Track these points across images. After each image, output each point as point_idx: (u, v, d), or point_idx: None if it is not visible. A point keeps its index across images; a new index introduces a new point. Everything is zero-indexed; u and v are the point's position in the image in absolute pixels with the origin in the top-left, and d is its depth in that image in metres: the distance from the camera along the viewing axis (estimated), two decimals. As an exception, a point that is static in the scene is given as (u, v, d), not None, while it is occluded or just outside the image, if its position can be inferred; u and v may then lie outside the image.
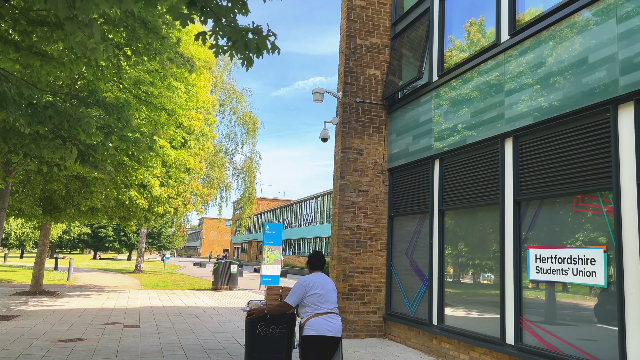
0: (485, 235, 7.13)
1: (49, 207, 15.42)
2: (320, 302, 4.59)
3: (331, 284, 4.82)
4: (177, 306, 14.05)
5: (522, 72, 6.47)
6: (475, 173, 7.31)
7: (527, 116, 6.30)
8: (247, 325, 5.05)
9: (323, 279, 4.76)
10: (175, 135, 13.07)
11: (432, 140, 8.33)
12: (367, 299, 9.38)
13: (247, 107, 32.71)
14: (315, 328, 4.51)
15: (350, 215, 9.46)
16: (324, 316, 4.56)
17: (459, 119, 7.68)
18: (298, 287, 4.70)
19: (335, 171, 9.80)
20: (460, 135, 7.59)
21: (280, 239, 22.45)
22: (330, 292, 4.73)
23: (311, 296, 4.62)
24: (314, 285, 4.65)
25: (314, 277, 4.74)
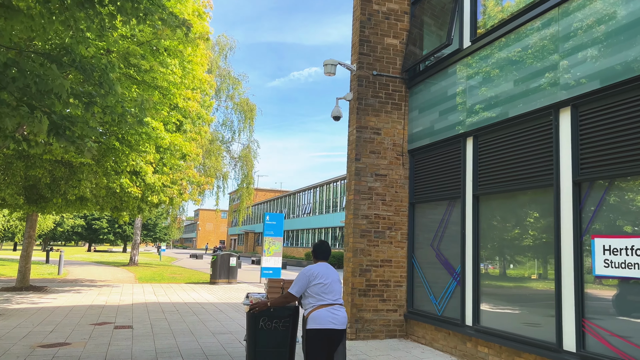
0: (533, 223, 6.13)
1: (34, 197, 14.33)
2: (324, 293, 4.47)
3: (336, 275, 4.67)
4: (173, 302, 13.05)
5: (584, 28, 5.43)
6: (519, 151, 6.30)
7: (591, 80, 5.27)
8: (249, 320, 4.87)
9: (327, 269, 4.64)
10: (170, 117, 11.97)
11: (464, 116, 7.31)
12: (387, 295, 8.40)
13: (244, 93, 31.56)
14: (318, 321, 4.39)
15: (367, 203, 8.45)
16: (327, 308, 4.43)
17: (498, 88, 6.65)
18: (301, 276, 4.57)
19: (349, 153, 8.77)
20: (500, 108, 6.57)
21: (281, 230, 21.46)
22: (334, 282, 4.59)
23: (315, 286, 4.49)
24: (318, 275, 4.53)
25: (318, 267, 4.62)
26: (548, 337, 5.58)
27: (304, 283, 4.54)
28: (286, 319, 4.88)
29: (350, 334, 8.09)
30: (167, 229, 67.13)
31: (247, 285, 19.61)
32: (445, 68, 7.91)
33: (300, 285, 4.54)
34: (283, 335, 4.87)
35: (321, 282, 4.50)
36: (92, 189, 14.31)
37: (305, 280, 4.54)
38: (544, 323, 5.72)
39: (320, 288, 4.48)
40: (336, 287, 4.60)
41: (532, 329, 5.87)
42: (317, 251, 4.82)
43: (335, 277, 4.66)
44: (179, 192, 15.68)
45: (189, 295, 14.98)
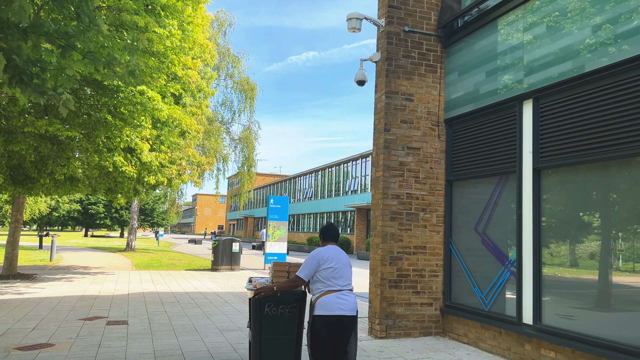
0: (621, 201, 4.98)
1: (20, 177, 13.12)
2: (334, 278, 4.23)
3: (346, 259, 4.42)
4: (173, 292, 11.95)
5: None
6: (602, 113, 5.12)
7: None
8: (254, 305, 4.57)
9: (338, 252, 4.38)
10: (167, 88, 10.72)
11: (521, 75, 6.11)
12: (421, 287, 7.28)
13: (244, 71, 30.16)
14: (327, 307, 4.16)
15: (398, 180, 7.29)
16: (336, 293, 4.19)
17: (572, 38, 5.45)
18: (310, 259, 4.31)
19: (376, 123, 7.58)
20: (574, 61, 5.37)
21: (286, 214, 20.36)
22: (345, 267, 4.34)
23: (324, 270, 4.25)
24: (328, 259, 4.28)
25: (329, 250, 4.36)
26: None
27: (313, 266, 4.27)
28: (293, 304, 4.55)
29: (379, 331, 7.00)
30: (165, 214, 66.07)
31: (250, 272, 18.53)
32: (493, 20, 6.69)
33: (310, 268, 4.27)
34: (290, 321, 4.55)
35: (331, 266, 4.23)
36: (83, 168, 13.13)
37: (314, 263, 4.27)
38: (634, 324, 4.61)
39: (330, 272, 4.23)
40: (347, 272, 4.34)
41: (619, 332, 4.76)
42: (325, 233, 4.53)
43: (347, 261, 4.39)
44: (178, 172, 14.50)
45: (190, 283, 13.88)
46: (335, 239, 4.52)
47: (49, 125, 8.93)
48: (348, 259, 4.43)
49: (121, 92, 9.45)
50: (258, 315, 4.51)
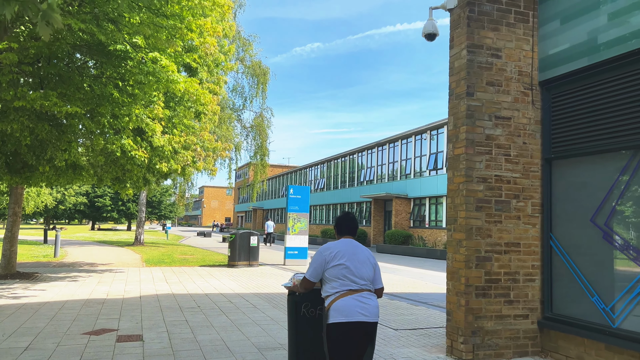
0: None
1: (17, 165, 11.66)
2: (348, 276, 3.51)
3: (364, 253, 3.66)
4: (191, 293, 10.48)
5: None
6: None
7: None
8: (289, 305, 4.23)
9: (352, 246, 3.65)
10: (183, 57, 9.16)
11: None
12: (514, 294, 5.74)
13: (255, 55, 28.52)
14: (344, 312, 3.43)
15: (484, 158, 5.72)
16: (354, 295, 3.47)
17: None
18: (316, 256, 3.67)
19: (454, 86, 5.99)
20: None
21: (307, 205, 18.86)
22: (362, 264, 3.59)
23: (334, 268, 3.54)
24: (337, 254, 3.58)
25: (339, 244, 3.66)
26: None
27: (319, 264, 3.64)
28: None
29: (465, 352, 5.47)
30: (173, 206, 64.87)
31: (270, 267, 17.06)
32: (620, -55, 5.07)
33: (315, 267, 3.67)
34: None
35: (342, 262, 3.55)
36: (87, 156, 11.65)
37: (320, 260, 3.65)
38: None
39: (341, 271, 3.55)
40: (364, 270, 3.62)
41: None
42: (340, 224, 3.88)
43: (364, 256, 3.66)
44: (192, 159, 12.98)
45: (208, 282, 12.41)
46: (351, 231, 3.83)
47: (44, 98, 7.41)
48: (368, 254, 3.70)
49: (129, 60, 7.91)
50: (294, 316, 4.21)
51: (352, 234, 3.84)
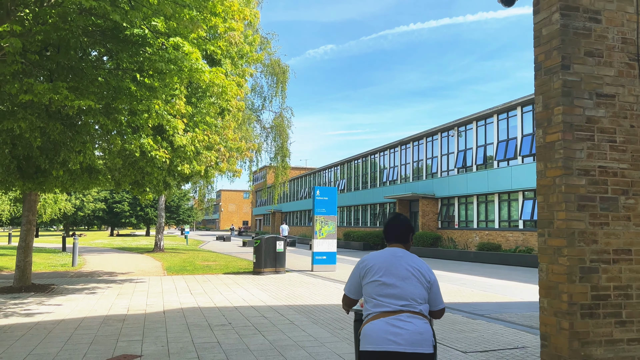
0: None
1: (30, 170, 10.85)
2: (384, 296, 2.81)
3: (408, 267, 2.86)
4: (219, 307, 9.52)
5: None
6: None
7: None
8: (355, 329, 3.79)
9: (392, 258, 2.91)
10: (206, 45, 8.20)
11: None
12: (627, 313, 4.62)
13: (274, 53, 27.61)
14: (371, 339, 2.75)
15: (585, 146, 4.63)
16: (387, 318, 2.75)
17: None
18: (354, 269, 3.06)
19: (542, 58, 4.90)
20: None
21: (335, 206, 17.86)
22: (404, 280, 2.82)
23: (370, 284, 2.88)
24: (373, 267, 2.90)
25: (377, 256, 2.96)
26: None
27: (355, 279, 3.01)
28: None
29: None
30: (191, 211, 64.39)
31: (297, 274, 16.08)
32: None
33: (351, 281, 3.04)
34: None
35: (377, 279, 2.83)
36: (103, 159, 10.82)
37: (355, 273, 3.00)
38: None
39: (377, 288, 2.82)
40: (406, 287, 2.80)
41: None
42: (385, 229, 3.12)
43: (404, 270, 2.83)
44: (216, 160, 12.06)
45: (235, 293, 11.46)
46: (399, 238, 3.06)
47: (54, 91, 6.50)
48: (416, 265, 2.90)
49: (148, 47, 6.98)
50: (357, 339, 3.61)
51: (400, 240, 3.08)
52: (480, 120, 26.81)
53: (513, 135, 24.36)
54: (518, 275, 16.95)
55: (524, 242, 22.73)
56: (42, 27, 6.08)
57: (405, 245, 3.04)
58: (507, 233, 23.94)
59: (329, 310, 9.20)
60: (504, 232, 24.22)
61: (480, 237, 25.73)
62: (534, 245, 22.18)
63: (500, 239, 24.28)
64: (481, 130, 26.72)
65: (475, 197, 26.66)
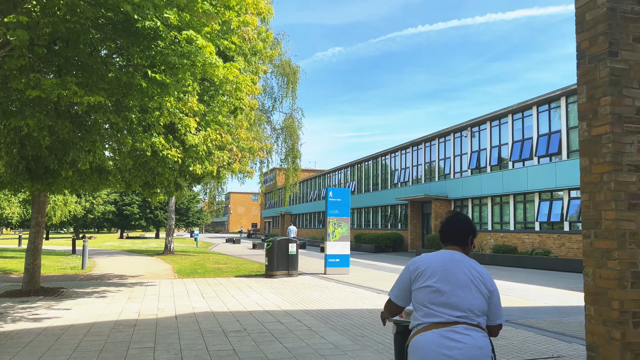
0: None
1: (39, 171, 10.61)
2: (438, 304, 2.44)
3: (468, 273, 2.49)
4: (232, 311, 9.20)
5: None
6: None
7: None
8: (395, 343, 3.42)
9: (449, 262, 2.54)
10: (218, 39, 7.90)
11: None
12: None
13: (285, 54, 27.33)
14: (421, 353, 2.39)
15: (636, 139, 4.25)
16: (440, 330, 2.38)
17: None
18: (403, 270, 2.70)
19: (585, 45, 4.53)
20: None
21: (348, 208, 17.51)
22: (462, 288, 2.45)
23: (421, 290, 2.51)
24: (426, 271, 2.53)
25: (432, 258, 2.59)
26: None
27: (404, 282, 2.63)
28: None
29: (623, 404, 3.99)
30: (201, 213, 64.31)
31: (310, 277, 15.73)
32: None
33: (399, 285, 2.66)
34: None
35: (430, 284, 2.48)
36: (114, 160, 10.56)
37: (405, 277, 2.64)
38: None
39: (428, 295, 2.47)
40: (464, 296, 2.43)
41: None
42: (443, 229, 2.72)
43: (464, 277, 2.46)
44: (228, 161, 11.75)
45: (248, 296, 11.13)
46: (457, 240, 2.69)
47: (62, 87, 6.22)
48: (475, 274, 2.52)
49: (160, 40, 6.69)
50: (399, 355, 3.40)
51: (458, 243, 2.70)
52: (494, 120, 26.34)
53: (528, 136, 23.87)
54: (537, 278, 16.48)
55: (541, 245, 22.22)
56: (50, 19, 5.80)
57: (464, 249, 2.67)
58: (523, 235, 23.43)
59: (347, 316, 8.84)
60: (519, 234, 23.71)
61: (495, 239, 25.23)
62: (551, 248, 21.66)
63: (515, 241, 23.78)
64: (495, 130, 26.25)
65: (490, 198, 26.18)
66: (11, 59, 6.05)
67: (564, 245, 21.12)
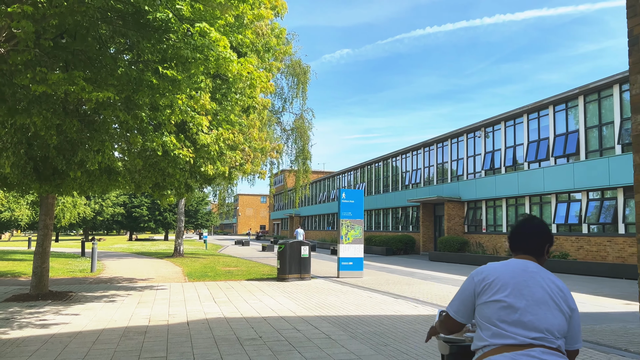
0: None
1: (47, 172, 10.32)
2: (510, 323, 2.04)
3: (546, 287, 2.10)
4: (246, 317, 8.84)
5: None
6: None
7: None
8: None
9: (523, 273, 2.13)
10: (232, 33, 7.56)
11: None
12: None
13: (295, 54, 26.97)
14: None
15: (700, 132, 3.84)
16: (513, 354, 1.99)
17: None
18: (466, 281, 2.26)
19: (637, 30, 4.13)
20: None
21: (361, 210, 17.11)
22: (540, 304, 2.06)
23: (489, 305, 2.11)
24: (495, 283, 2.13)
25: (502, 267, 2.18)
26: None
27: (467, 295, 2.21)
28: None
29: None
30: (209, 215, 64.14)
31: (323, 281, 15.34)
32: None
33: (461, 298, 2.24)
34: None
35: (500, 298, 2.07)
36: (123, 161, 10.26)
37: (468, 288, 2.21)
38: None
39: (497, 312, 2.06)
40: (542, 314, 2.03)
41: None
42: (515, 236, 2.30)
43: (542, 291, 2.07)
44: (240, 161, 11.40)
45: (262, 301, 10.77)
46: (532, 248, 2.25)
47: (69, 81, 5.90)
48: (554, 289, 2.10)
49: (172, 33, 6.35)
50: None
51: (533, 252, 2.27)
52: (509, 120, 25.83)
53: (544, 136, 23.34)
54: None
55: (558, 247, 21.67)
56: (56, 10, 5.48)
57: (538, 260, 2.27)
58: (539, 237, 22.88)
59: (366, 322, 8.44)
60: (535, 236, 23.16)
61: (509, 241, 24.70)
62: (569, 250, 21.12)
63: (531, 243, 23.23)
64: (510, 130, 25.73)
65: (505, 200, 25.65)
66: (16, 53, 5.73)
67: (583, 248, 20.57)
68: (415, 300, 11.23)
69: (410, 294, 12.51)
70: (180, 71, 6.99)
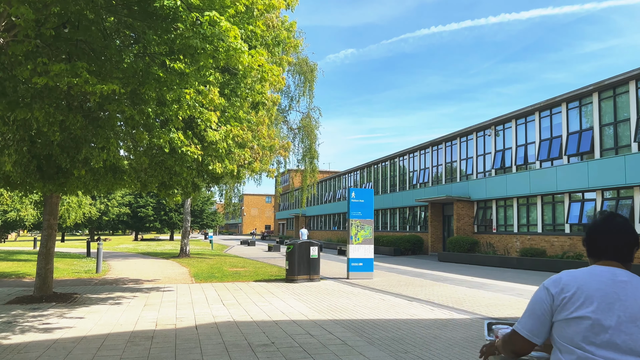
0: None
1: (51, 170, 10.02)
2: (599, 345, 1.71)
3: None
4: (256, 321, 8.49)
5: None
6: None
7: None
8: None
9: (615, 284, 1.78)
10: (242, 24, 7.21)
11: None
12: None
13: (302, 51, 26.61)
14: None
15: None
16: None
17: None
18: (537, 293, 1.92)
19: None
20: None
21: (371, 210, 16.74)
22: (634, 321, 1.71)
23: (571, 323, 1.77)
24: (578, 295, 1.79)
25: (587, 277, 1.83)
26: None
27: (542, 311, 1.86)
28: None
29: None
30: (215, 215, 63.92)
31: (333, 282, 14.97)
32: None
33: (535, 315, 1.88)
34: None
35: (586, 315, 1.73)
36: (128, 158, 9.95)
37: (543, 302, 1.87)
38: None
39: (582, 330, 1.74)
40: (638, 332, 1.68)
41: None
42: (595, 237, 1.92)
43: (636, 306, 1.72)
44: (249, 160, 11.06)
45: (271, 303, 10.42)
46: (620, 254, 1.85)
47: (72, 73, 5.57)
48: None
49: (180, 22, 6.01)
50: None
51: (619, 258, 1.89)
52: (520, 118, 25.37)
53: (557, 134, 22.87)
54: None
55: (572, 248, 21.21)
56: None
57: (626, 265, 1.89)
58: (552, 238, 22.44)
59: (382, 327, 8.08)
60: (548, 236, 22.72)
61: (521, 242, 24.25)
62: (583, 251, 20.62)
63: (544, 244, 22.78)
64: (521, 128, 25.28)
65: (516, 199, 25.19)
66: (16, 44, 5.40)
67: (597, 248, 20.09)
68: (430, 303, 10.85)
69: (424, 296, 12.12)
70: (188, 64, 6.66)
